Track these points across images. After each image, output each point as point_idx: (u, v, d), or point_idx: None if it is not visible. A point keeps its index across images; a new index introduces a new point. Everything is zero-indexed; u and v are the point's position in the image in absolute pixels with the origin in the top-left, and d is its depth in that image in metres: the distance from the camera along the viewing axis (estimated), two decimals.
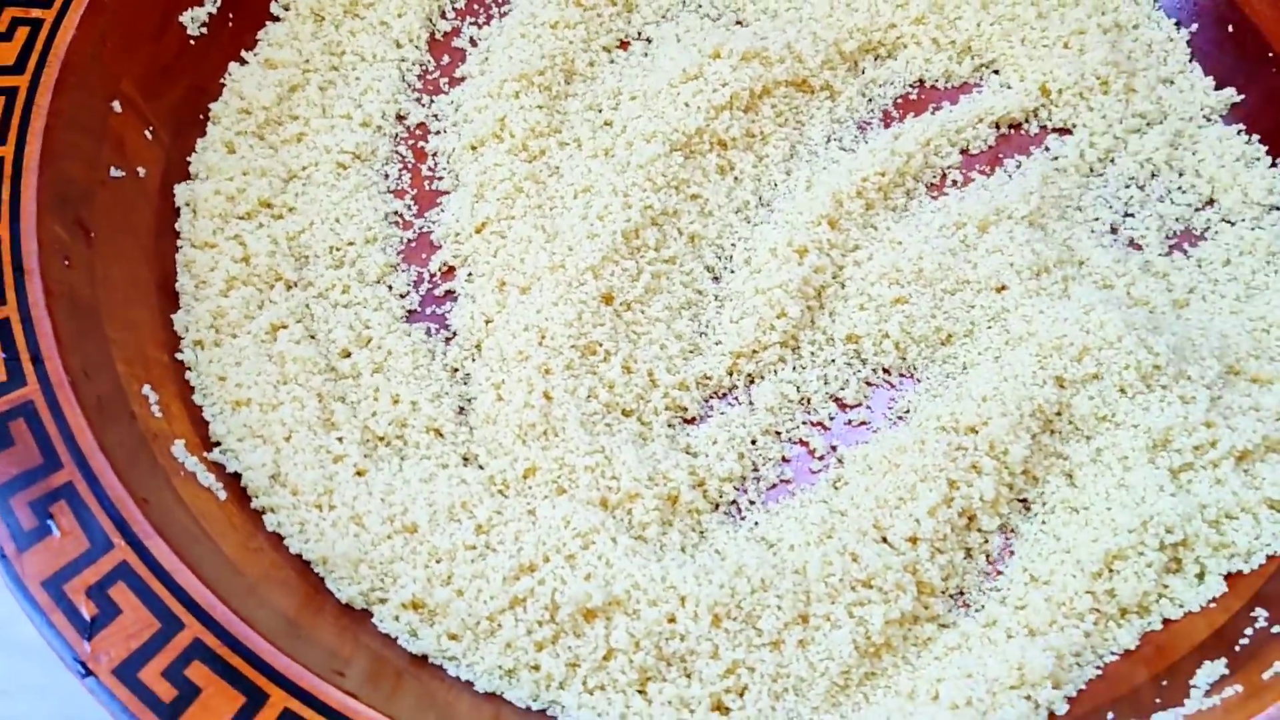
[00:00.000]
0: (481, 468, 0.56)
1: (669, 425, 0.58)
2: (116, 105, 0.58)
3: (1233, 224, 0.62)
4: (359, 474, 0.54)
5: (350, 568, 0.51)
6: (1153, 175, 0.65)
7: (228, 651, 0.42)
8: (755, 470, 0.57)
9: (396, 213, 0.65)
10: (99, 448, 0.46)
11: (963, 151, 0.66)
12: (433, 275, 0.63)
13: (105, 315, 0.52)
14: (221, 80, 0.65)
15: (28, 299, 0.49)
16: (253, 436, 0.54)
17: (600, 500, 0.54)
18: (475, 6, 0.72)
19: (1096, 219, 0.63)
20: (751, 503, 0.56)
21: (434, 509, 0.53)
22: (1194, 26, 0.68)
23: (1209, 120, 0.66)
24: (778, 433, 0.58)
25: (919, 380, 0.59)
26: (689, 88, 0.65)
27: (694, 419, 0.59)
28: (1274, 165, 0.63)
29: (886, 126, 0.67)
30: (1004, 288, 0.59)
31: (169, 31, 0.62)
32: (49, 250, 0.51)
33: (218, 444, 0.53)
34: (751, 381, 0.60)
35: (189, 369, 0.55)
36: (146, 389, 0.52)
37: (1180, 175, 0.64)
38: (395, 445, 0.56)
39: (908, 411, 0.58)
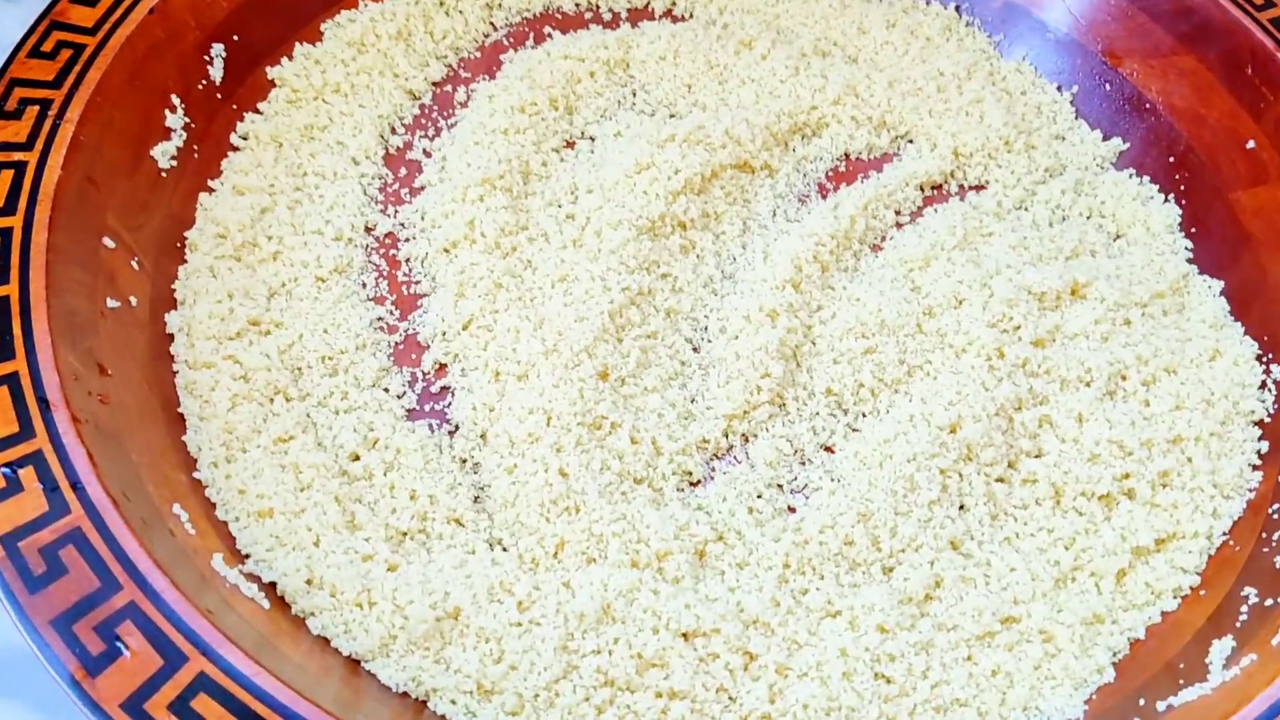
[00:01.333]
0: (506, 550, 0.57)
1: (678, 489, 0.61)
2: (108, 240, 0.58)
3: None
4: (391, 569, 0.55)
5: (402, 657, 0.51)
6: (1063, 219, 0.73)
7: None
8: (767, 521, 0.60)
9: (379, 319, 0.66)
10: (154, 565, 0.46)
11: (895, 212, 0.73)
12: (426, 374, 0.65)
13: (128, 440, 0.52)
14: (194, 209, 0.66)
15: (57, 429, 0.49)
16: (280, 545, 0.54)
17: (631, 562, 0.56)
18: (423, 121, 0.76)
19: (1014, 247, 0.70)
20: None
21: (474, 592, 0.54)
22: (1074, 88, 0.77)
23: (1102, 168, 0.75)
24: (779, 485, 0.62)
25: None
26: (645, 176, 0.70)
27: (699, 481, 0.62)
28: (1166, 200, 0.72)
29: (824, 198, 0.74)
30: (961, 301, 0.66)
31: (142, 166, 0.63)
32: (69, 381, 0.51)
33: (248, 555, 0.54)
34: (747, 440, 0.63)
35: (207, 487, 0.56)
36: (176, 508, 0.52)
37: (1088, 218, 0.73)
38: (419, 539, 0.57)
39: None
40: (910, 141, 0.77)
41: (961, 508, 0.60)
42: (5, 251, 0.54)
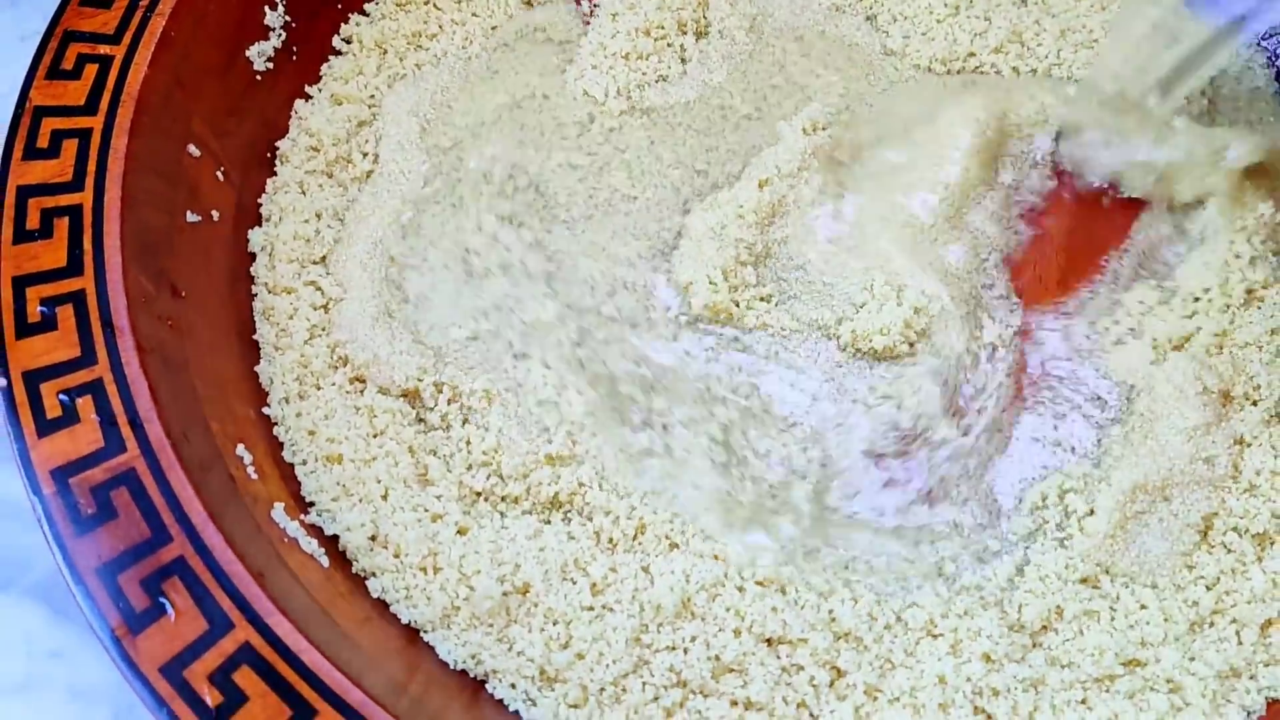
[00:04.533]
0: (584, 524, 0.53)
1: None
2: (193, 148, 0.55)
3: None
4: (460, 533, 0.51)
5: (463, 631, 0.48)
6: None
7: None
8: None
9: None
10: (209, 518, 0.42)
11: None
12: None
13: (194, 371, 0.49)
14: (288, 117, 0.62)
15: (120, 358, 0.45)
16: (347, 495, 0.51)
17: (714, 554, 0.51)
18: None
19: None
20: None
21: (546, 568, 0.50)
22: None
23: None
24: None
25: None
26: None
27: None
28: None
29: None
30: None
31: (236, 67, 0.59)
32: (137, 304, 0.47)
33: (312, 504, 0.50)
34: None
35: (277, 424, 0.52)
36: (240, 449, 0.49)
37: None
38: (493, 501, 0.53)
39: None
40: None
41: None
42: (83, 155, 0.50)
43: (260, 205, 0.59)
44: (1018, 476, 0.55)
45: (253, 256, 0.57)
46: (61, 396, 0.44)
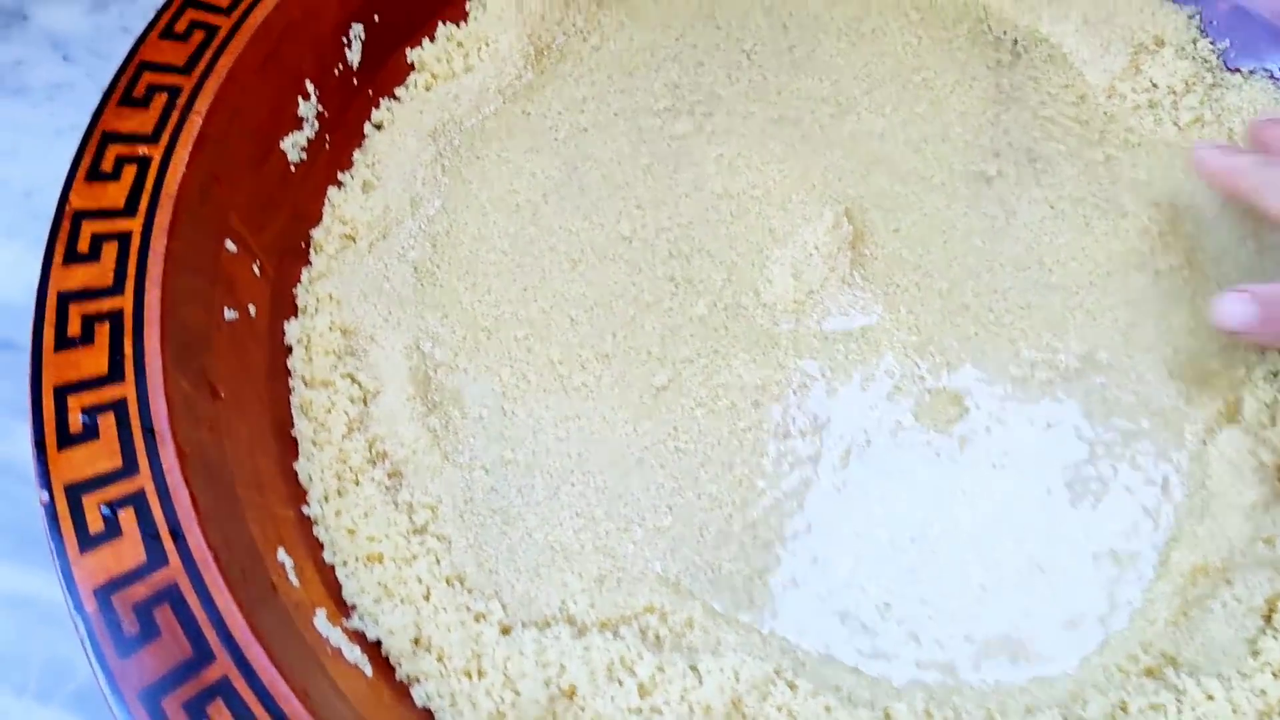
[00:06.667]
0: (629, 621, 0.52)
1: None
2: (230, 244, 0.54)
3: None
4: (504, 632, 0.50)
5: None
6: None
7: None
8: None
9: None
10: (253, 634, 0.42)
11: None
12: None
13: (234, 473, 0.49)
14: (321, 206, 0.62)
15: (161, 465, 0.45)
16: (389, 596, 0.50)
17: (763, 651, 0.50)
18: None
19: None
20: None
21: (591, 669, 0.49)
22: None
23: None
24: None
25: None
26: None
27: None
28: None
29: None
30: None
31: (270, 159, 0.59)
32: (177, 408, 0.47)
33: (354, 607, 0.50)
34: None
35: (316, 523, 0.52)
36: (281, 553, 0.48)
37: None
38: None
39: None
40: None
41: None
42: (123, 258, 0.50)
43: (295, 296, 0.59)
44: None
45: (289, 350, 0.57)
46: (104, 509, 0.44)
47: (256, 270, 0.56)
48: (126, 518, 0.44)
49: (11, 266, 0.67)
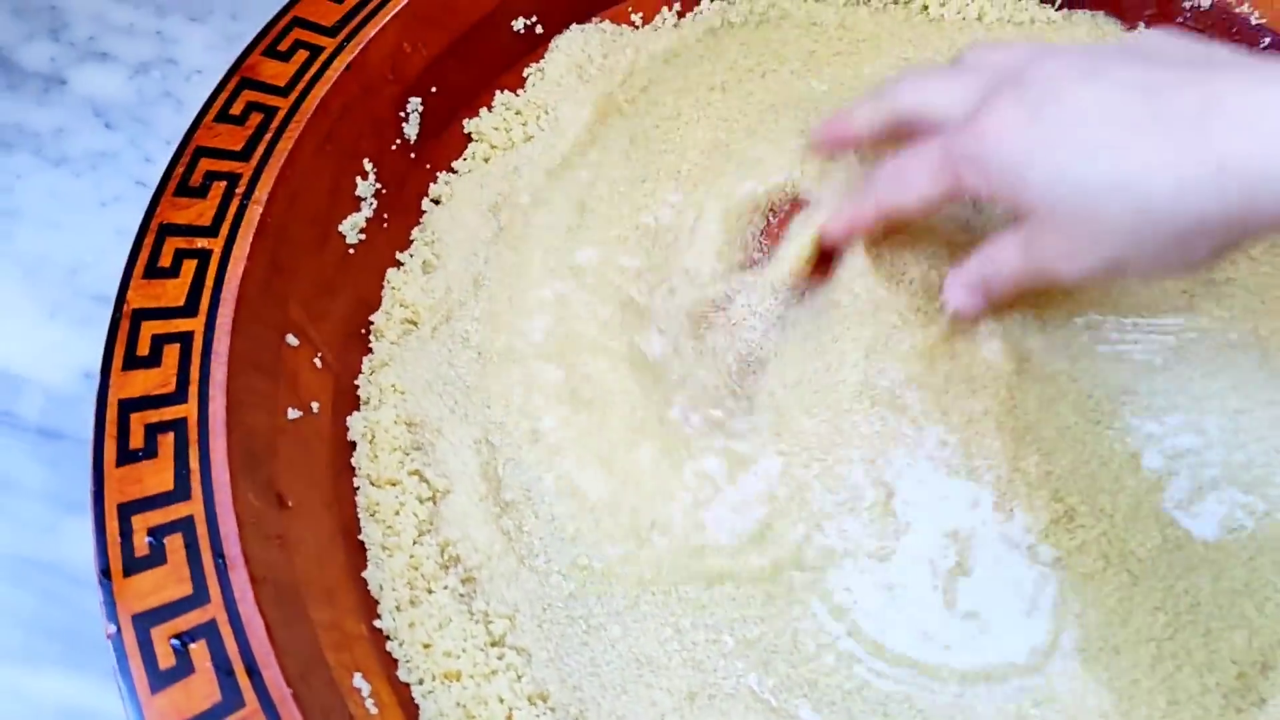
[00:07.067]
0: None
1: None
2: (291, 338, 0.52)
3: None
4: None
5: None
6: None
7: None
8: None
9: None
10: None
11: None
12: None
13: (306, 593, 0.46)
14: (380, 289, 0.59)
15: (233, 594, 0.42)
16: (469, 718, 0.47)
17: None
18: None
19: None
20: None
21: None
22: None
23: None
24: None
25: None
26: None
27: None
28: None
29: None
30: None
31: (329, 244, 0.57)
32: (247, 526, 0.44)
33: None
34: None
35: (390, 638, 0.49)
36: (358, 679, 0.45)
37: None
38: None
39: None
40: None
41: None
42: (185, 361, 0.48)
43: (358, 388, 0.56)
44: None
45: (353, 446, 0.54)
46: (174, 643, 0.41)
47: (318, 363, 0.54)
48: (198, 652, 0.41)
49: (57, 348, 0.64)
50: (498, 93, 0.66)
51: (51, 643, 0.55)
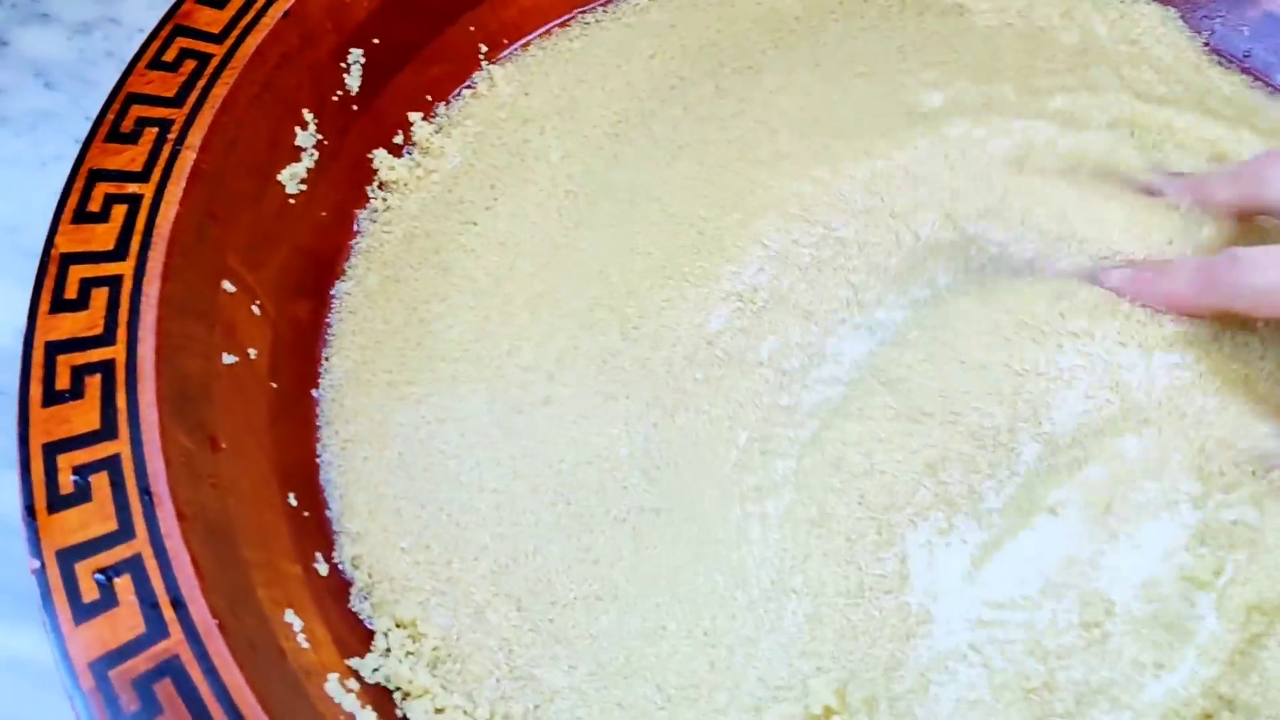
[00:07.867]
0: None
1: None
2: (227, 284, 0.52)
3: None
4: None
5: None
6: None
7: None
8: None
9: None
10: (261, 708, 0.39)
11: None
12: None
13: (239, 532, 0.46)
14: (322, 240, 0.59)
15: (160, 530, 0.42)
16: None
17: None
18: None
19: None
20: None
21: None
22: None
23: None
24: None
25: None
26: None
27: None
28: None
29: None
30: None
31: (267, 193, 0.57)
32: (176, 465, 0.44)
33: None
34: None
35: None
36: (289, 614, 0.45)
37: None
38: None
39: None
40: None
41: None
42: (114, 304, 0.47)
43: (301, 337, 0.56)
44: None
45: (292, 393, 0.54)
46: (98, 576, 0.41)
47: (256, 310, 0.54)
48: (123, 585, 0.41)
49: None
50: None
51: None
